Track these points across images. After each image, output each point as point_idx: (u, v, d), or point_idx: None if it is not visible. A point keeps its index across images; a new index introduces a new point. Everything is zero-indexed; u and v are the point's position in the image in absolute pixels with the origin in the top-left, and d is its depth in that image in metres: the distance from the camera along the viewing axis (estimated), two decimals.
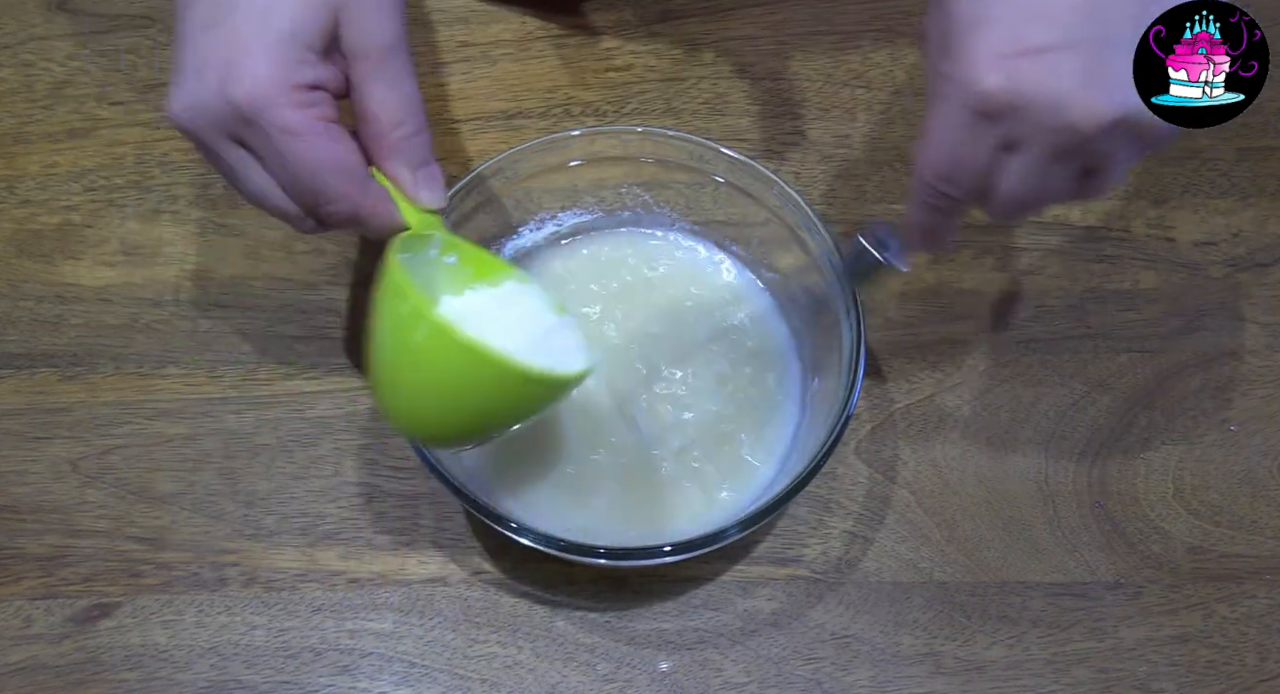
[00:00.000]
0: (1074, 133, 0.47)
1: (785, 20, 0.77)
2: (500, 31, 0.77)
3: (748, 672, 0.61)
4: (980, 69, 0.47)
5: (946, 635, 0.62)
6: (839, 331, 0.61)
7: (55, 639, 0.61)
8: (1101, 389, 0.67)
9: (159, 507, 0.64)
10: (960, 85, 0.47)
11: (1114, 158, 0.49)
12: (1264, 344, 0.69)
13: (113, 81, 0.75)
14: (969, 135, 0.48)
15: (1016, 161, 0.49)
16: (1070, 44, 0.46)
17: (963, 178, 0.50)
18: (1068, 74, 0.46)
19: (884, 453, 0.66)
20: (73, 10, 0.77)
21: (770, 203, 0.65)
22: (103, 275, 0.70)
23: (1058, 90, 0.46)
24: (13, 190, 0.72)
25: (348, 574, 0.63)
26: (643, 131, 0.66)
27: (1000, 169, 0.49)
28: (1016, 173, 0.49)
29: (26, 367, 0.67)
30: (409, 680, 0.60)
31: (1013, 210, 0.51)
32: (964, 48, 0.47)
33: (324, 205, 0.53)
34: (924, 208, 0.52)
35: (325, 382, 0.67)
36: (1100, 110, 0.46)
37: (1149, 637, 0.62)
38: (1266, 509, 0.65)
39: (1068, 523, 0.64)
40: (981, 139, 0.48)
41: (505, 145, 0.66)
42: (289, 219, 0.55)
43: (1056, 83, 0.46)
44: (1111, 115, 0.46)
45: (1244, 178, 0.73)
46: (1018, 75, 0.46)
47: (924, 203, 0.52)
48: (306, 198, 0.53)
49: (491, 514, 0.57)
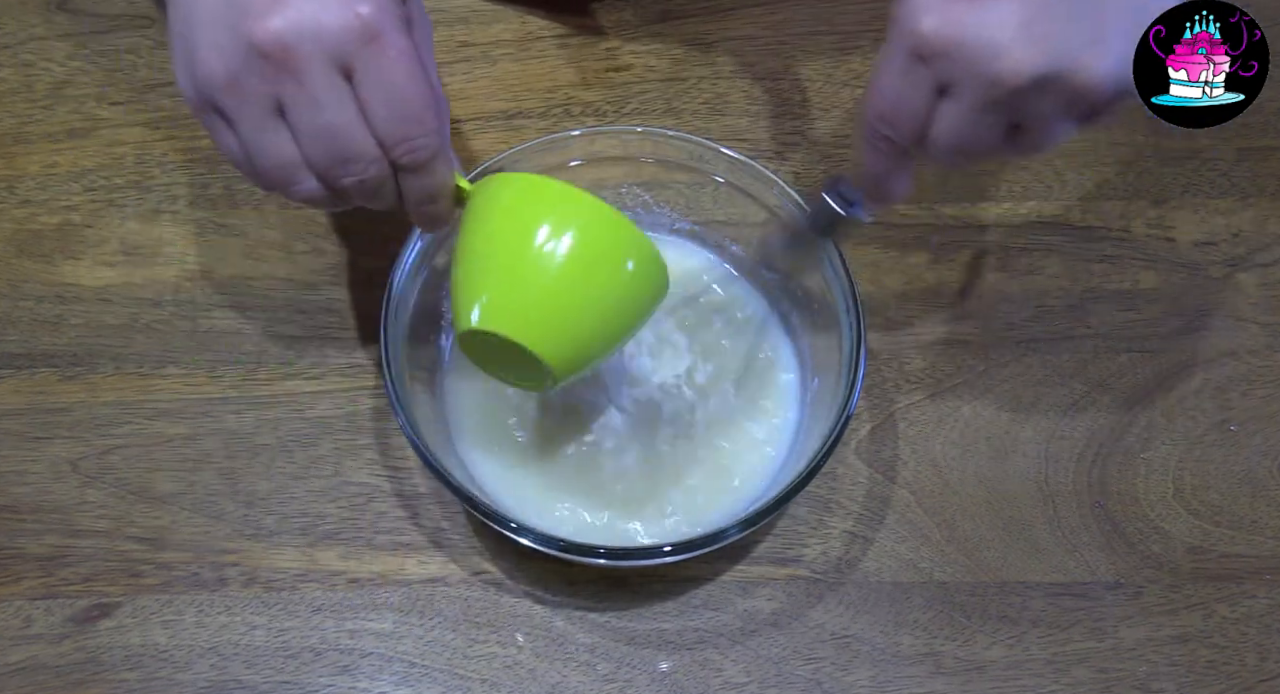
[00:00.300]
0: (998, 85, 0.47)
1: (785, 20, 0.78)
2: (500, 31, 0.77)
3: (748, 672, 0.61)
4: (920, 11, 0.48)
5: (946, 635, 0.62)
6: (839, 331, 0.61)
7: (55, 639, 0.61)
8: (1101, 389, 0.67)
9: (159, 507, 0.64)
10: (900, 27, 0.49)
11: (1043, 118, 0.49)
12: (1264, 344, 0.69)
13: (113, 81, 0.75)
14: (907, 77, 0.49)
15: (948, 105, 0.49)
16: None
17: (900, 120, 0.51)
18: (1003, 25, 0.47)
19: (884, 453, 0.66)
20: (73, 10, 0.77)
21: (770, 203, 0.65)
22: (103, 275, 0.70)
23: (990, 39, 0.47)
24: (13, 190, 0.72)
25: (348, 574, 0.63)
26: (643, 131, 0.66)
27: (935, 113, 0.50)
28: (947, 118, 0.50)
29: (26, 366, 0.67)
30: (409, 680, 0.60)
31: (945, 156, 0.52)
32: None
33: (418, 137, 0.51)
34: (869, 150, 0.53)
35: (325, 382, 0.67)
36: (1027, 64, 0.47)
37: (1149, 637, 0.62)
38: (1266, 509, 0.65)
39: (1068, 523, 0.64)
40: (918, 81, 0.49)
41: (505, 145, 0.66)
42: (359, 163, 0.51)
43: (990, 32, 0.47)
44: (1037, 70, 0.47)
45: (1244, 178, 0.73)
46: (953, 20, 0.47)
47: (869, 145, 0.53)
48: (401, 129, 0.51)
49: (491, 514, 0.57)
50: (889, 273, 0.70)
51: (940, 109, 0.50)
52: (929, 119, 0.50)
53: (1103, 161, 0.73)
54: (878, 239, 0.71)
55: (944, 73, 0.48)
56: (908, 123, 0.51)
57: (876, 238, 0.71)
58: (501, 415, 0.64)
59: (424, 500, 0.64)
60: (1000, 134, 0.50)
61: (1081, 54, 0.47)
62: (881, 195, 0.55)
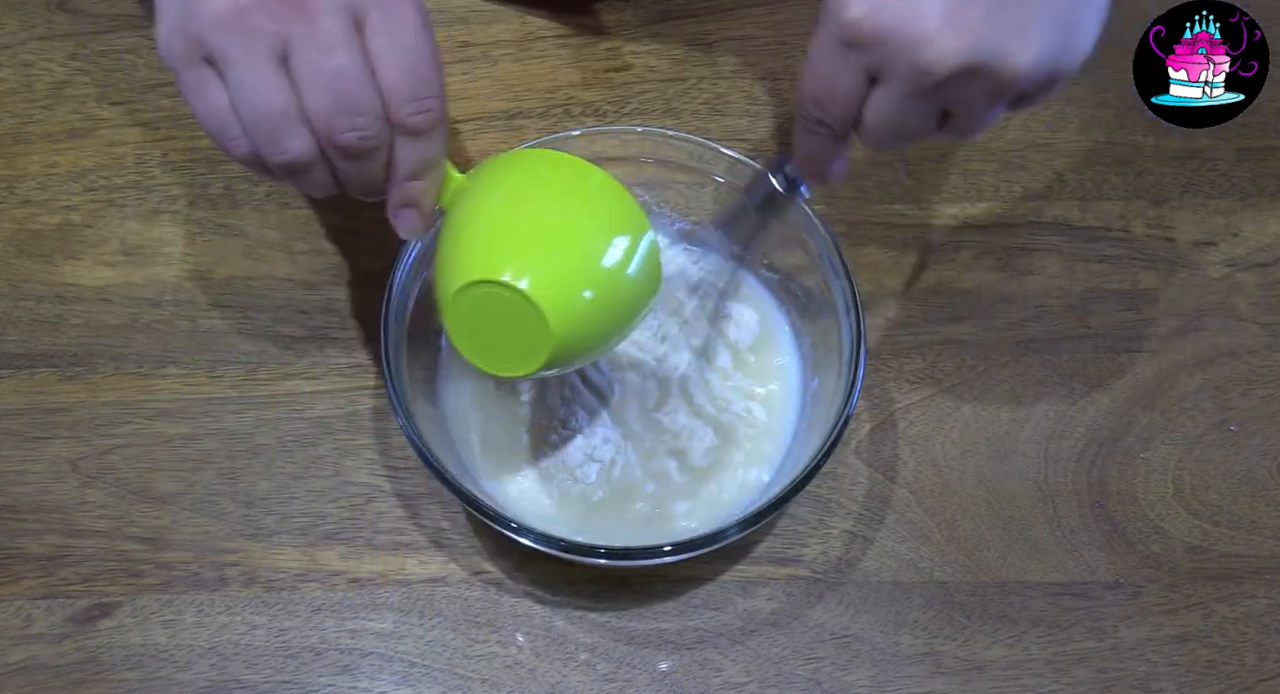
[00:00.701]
0: (925, 74, 0.47)
1: (785, 20, 0.78)
2: (500, 31, 0.77)
3: (748, 672, 0.61)
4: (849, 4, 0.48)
5: (946, 635, 0.62)
6: (839, 331, 0.61)
7: (55, 639, 0.61)
8: (1101, 389, 0.67)
9: (159, 507, 0.64)
10: (830, 13, 0.49)
11: (970, 104, 0.49)
12: (1263, 344, 0.69)
13: (113, 81, 0.75)
14: (837, 63, 0.50)
15: (878, 92, 0.50)
16: None
17: (833, 105, 0.51)
18: (927, 14, 0.47)
19: (884, 453, 0.66)
20: (73, 10, 0.77)
21: (773, 204, 0.65)
22: (103, 275, 0.70)
23: (915, 28, 0.47)
24: (13, 190, 0.72)
25: (348, 574, 0.63)
26: (643, 131, 0.66)
27: (867, 99, 0.50)
28: (877, 104, 0.50)
29: (26, 366, 0.67)
30: (409, 680, 0.60)
31: (878, 140, 0.52)
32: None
33: (426, 98, 0.50)
34: (804, 132, 0.54)
35: (325, 382, 0.67)
36: (950, 53, 0.47)
37: (1149, 636, 0.62)
38: (1266, 509, 0.65)
39: (1067, 523, 0.64)
40: (848, 67, 0.49)
41: (505, 145, 0.66)
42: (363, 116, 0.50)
43: (914, 21, 0.47)
44: (962, 59, 0.47)
45: (1244, 178, 0.73)
46: (880, 8, 0.47)
47: (803, 127, 0.53)
48: (411, 86, 0.50)
49: (491, 514, 0.57)
50: (889, 273, 0.70)
51: (871, 95, 0.50)
52: (861, 104, 0.51)
53: (1103, 161, 0.73)
54: (878, 239, 0.71)
55: (873, 60, 0.49)
56: (840, 107, 0.51)
57: (876, 238, 0.71)
58: (502, 415, 0.64)
59: (424, 500, 0.64)
60: (931, 119, 0.50)
61: (1007, 43, 0.47)
62: (819, 176, 0.56)
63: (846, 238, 0.69)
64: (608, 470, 0.63)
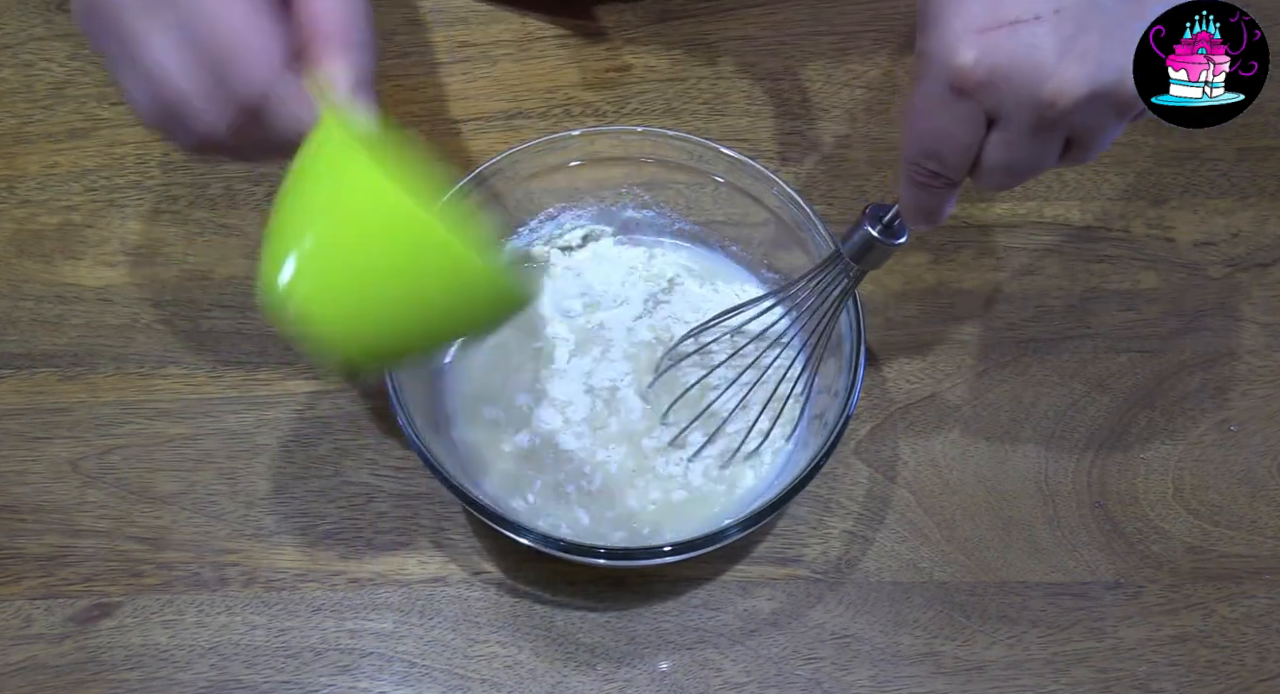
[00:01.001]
0: (1050, 106, 0.47)
1: (785, 20, 0.78)
2: (500, 31, 0.77)
3: (748, 672, 0.61)
4: (956, 44, 0.47)
5: (946, 635, 0.62)
6: (839, 331, 0.61)
7: (55, 639, 0.61)
8: (1101, 389, 0.67)
9: (159, 507, 0.64)
10: (938, 62, 0.48)
11: (1095, 129, 0.49)
12: (1263, 344, 0.69)
13: (113, 81, 0.75)
14: (950, 112, 0.49)
15: (998, 135, 0.49)
16: (1045, 17, 0.46)
17: (947, 155, 0.50)
18: (1042, 47, 0.46)
19: (884, 453, 0.66)
20: None
21: (770, 203, 0.65)
22: (103, 275, 0.70)
23: (1032, 64, 0.46)
24: (13, 190, 0.72)
25: (348, 574, 0.63)
26: (643, 131, 0.66)
27: (984, 143, 0.50)
28: (999, 146, 0.49)
29: (27, 366, 0.67)
30: (409, 680, 0.61)
31: (1000, 182, 0.51)
32: (940, 24, 0.48)
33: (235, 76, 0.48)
34: (913, 186, 0.52)
35: (325, 382, 0.67)
36: (1074, 84, 0.46)
37: (1149, 636, 0.62)
38: (1266, 509, 0.65)
39: (1067, 523, 0.64)
40: (962, 115, 0.49)
41: (505, 145, 0.66)
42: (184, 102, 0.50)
43: (1030, 56, 0.46)
44: (1086, 89, 0.46)
45: (1244, 178, 0.73)
46: (992, 49, 0.46)
47: (913, 181, 0.52)
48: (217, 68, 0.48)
49: (491, 514, 0.57)
50: (889, 273, 0.70)
51: (990, 138, 0.49)
52: (978, 149, 0.50)
53: (1102, 161, 0.73)
54: None
55: (992, 103, 0.48)
56: (958, 157, 0.50)
57: None
58: (502, 415, 0.64)
59: (424, 500, 0.64)
60: (1055, 151, 0.50)
61: (1124, 62, 0.46)
62: (929, 222, 0.55)
63: None
64: (608, 470, 0.63)
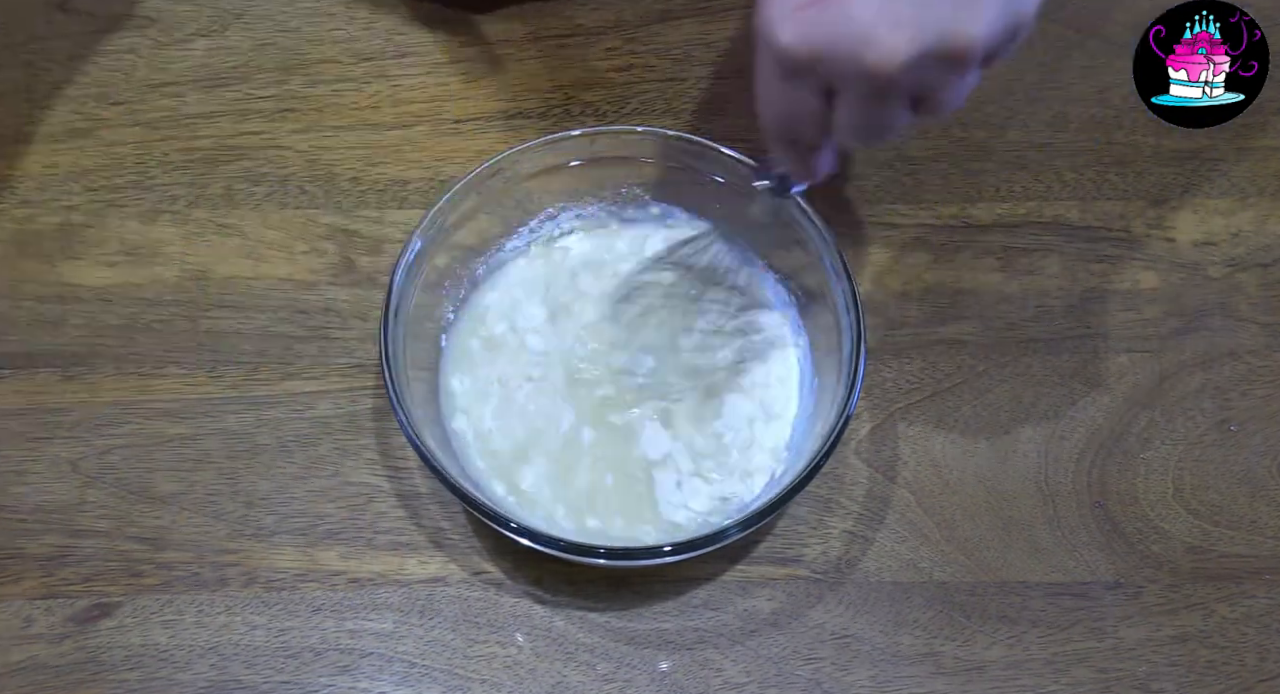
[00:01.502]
0: (879, 74, 0.46)
1: None
2: (500, 31, 0.77)
3: (748, 672, 0.61)
4: (776, 25, 0.47)
5: (946, 635, 0.62)
6: (839, 331, 0.61)
7: (55, 639, 0.61)
8: (1101, 389, 0.67)
9: (159, 507, 0.64)
10: (765, 42, 0.48)
11: (936, 86, 0.48)
12: (1264, 344, 0.69)
13: (113, 81, 0.75)
14: (788, 88, 0.49)
15: (840, 103, 0.49)
16: None
17: (798, 125, 0.51)
18: (858, 18, 0.46)
19: (884, 453, 0.66)
20: (73, 10, 0.77)
21: (770, 203, 0.65)
22: (103, 275, 0.70)
23: (853, 34, 0.46)
24: (13, 190, 0.72)
25: (348, 574, 0.63)
26: (643, 131, 0.66)
27: (833, 110, 0.50)
28: (844, 114, 0.49)
29: (26, 367, 0.67)
30: (409, 680, 0.61)
31: (861, 143, 0.51)
32: (763, 4, 0.48)
33: None
34: (782, 150, 0.53)
35: (325, 382, 0.67)
36: (894, 51, 0.45)
37: (1149, 637, 0.62)
38: (1266, 509, 0.65)
39: (1067, 523, 0.64)
40: (799, 91, 0.49)
41: (505, 145, 0.66)
42: None
43: (848, 28, 0.46)
44: (906, 53, 0.45)
45: (1244, 178, 0.73)
46: (810, 27, 0.46)
47: (780, 146, 0.53)
48: None
49: (491, 514, 0.57)
50: (889, 273, 0.70)
51: (835, 107, 0.49)
52: (827, 115, 0.50)
53: (1102, 161, 0.73)
54: (878, 239, 0.71)
55: (821, 78, 0.48)
56: (807, 126, 0.51)
57: (876, 238, 0.71)
58: (502, 414, 0.64)
59: (424, 500, 0.64)
60: (902, 111, 0.49)
61: (951, 22, 0.45)
62: (810, 178, 0.55)
63: (846, 238, 0.69)
64: (608, 470, 0.63)
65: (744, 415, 0.64)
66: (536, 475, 0.63)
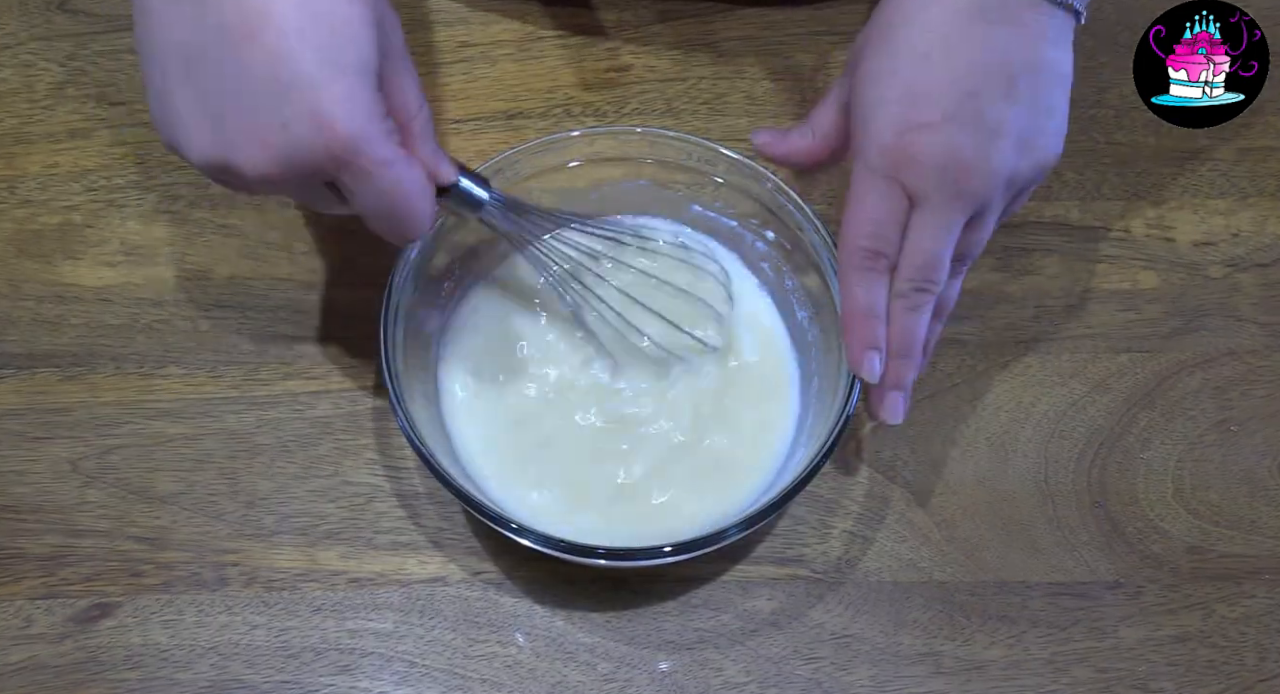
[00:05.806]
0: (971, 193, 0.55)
1: (785, 20, 0.78)
2: (500, 31, 0.77)
3: (748, 672, 0.61)
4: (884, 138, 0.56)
5: (946, 635, 0.62)
6: (839, 331, 0.61)
7: (55, 639, 0.61)
8: (1101, 389, 0.67)
9: (159, 507, 0.64)
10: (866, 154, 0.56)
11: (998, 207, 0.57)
12: (1263, 344, 0.69)
13: (113, 81, 0.75)
14: (883, 193, 0.56)
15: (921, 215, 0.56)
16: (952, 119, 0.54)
17: (884, 232, 0.56)
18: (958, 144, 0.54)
19: (884, 453, 0.66)
20: (73, 10, 0.77)
21: (770, 203, 0.65)
22: (103, 275, 0.70)
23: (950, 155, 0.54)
24: (13, 190, 0.72)
25: (348, 574, 0.63)
26: (643, 132, 0.66)
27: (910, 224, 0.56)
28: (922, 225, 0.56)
29: (26, 366, 0.67)
30: (409, 680, 0.61)
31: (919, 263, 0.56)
32: (868, 127, 0.56)
33: (411, 230, 0.53)
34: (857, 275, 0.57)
35: (325, 381, 0.67)
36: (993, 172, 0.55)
37: (1149, 636, 0.62)
38: (1266, 509, 0.65)
39: (1067, 523, 0.64)
40: (892, 194, 0.56)
41: (505, 145, 0.66)
42: None
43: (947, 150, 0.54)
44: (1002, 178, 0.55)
45: (1244, 178, 0.73)
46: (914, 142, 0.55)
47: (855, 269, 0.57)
48: (394, 225, 0.53)
49: (491, 514, 0.57)
50: None
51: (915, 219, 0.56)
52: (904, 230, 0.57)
53: (1102, 161, 0.73)
54: None
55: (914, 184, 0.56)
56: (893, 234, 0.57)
57: None
58: (502, 415, 0.64)
59: (424, 500, 0.64)
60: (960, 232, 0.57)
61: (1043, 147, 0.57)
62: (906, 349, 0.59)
63: None
64: (608, 471, 0.63)
65: (744, 416, 0.64)
66: (536, 476, 0.63)
